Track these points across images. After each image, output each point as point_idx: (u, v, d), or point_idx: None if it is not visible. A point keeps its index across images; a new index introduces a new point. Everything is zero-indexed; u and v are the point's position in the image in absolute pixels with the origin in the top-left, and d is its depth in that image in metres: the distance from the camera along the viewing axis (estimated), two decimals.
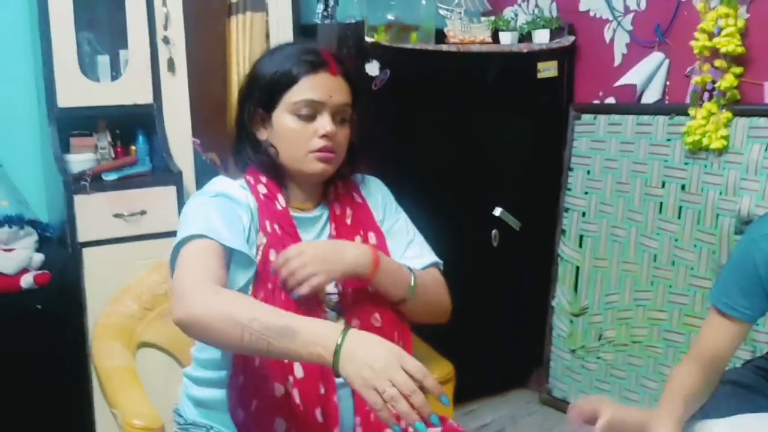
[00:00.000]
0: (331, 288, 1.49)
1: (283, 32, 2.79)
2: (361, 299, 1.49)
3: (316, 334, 1.16)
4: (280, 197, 1.49)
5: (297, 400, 1.36)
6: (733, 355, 1.59)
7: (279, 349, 1.17)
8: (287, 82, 1.45)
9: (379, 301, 1.49)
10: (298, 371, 1.37)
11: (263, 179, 1.49)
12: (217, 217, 1.38)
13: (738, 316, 1.51)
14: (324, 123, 1.45)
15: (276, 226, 1.45)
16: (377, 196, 1.64)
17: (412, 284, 1.50)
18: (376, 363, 1.11)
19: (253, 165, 1.51)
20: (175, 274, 1.33)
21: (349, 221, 1.55)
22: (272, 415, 1.36)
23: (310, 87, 1.44)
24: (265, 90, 1.47)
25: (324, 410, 1.38)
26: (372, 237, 1.56)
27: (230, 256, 1.37)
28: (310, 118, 1.45)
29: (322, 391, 1.38)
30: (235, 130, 1.55)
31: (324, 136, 1.44)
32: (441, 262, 1.65)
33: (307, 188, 1.53)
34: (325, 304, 1.47)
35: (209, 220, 1.37)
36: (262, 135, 1.50)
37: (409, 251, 1.60)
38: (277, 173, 1.50)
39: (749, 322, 1.53)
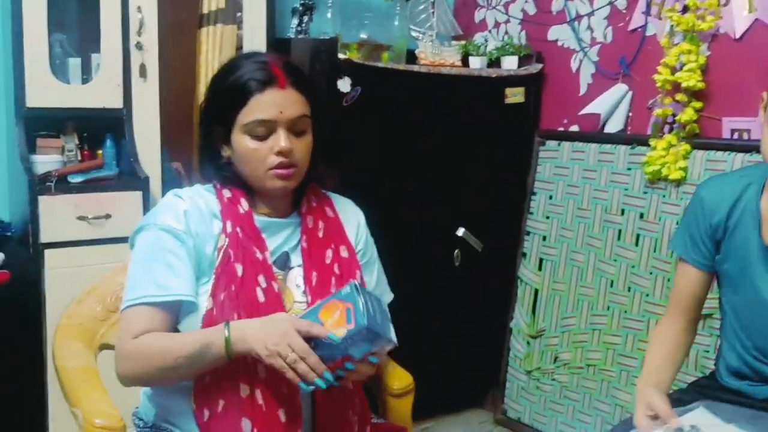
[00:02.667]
0: (299, 296, 1.51)
1: (256, 46, 2.81)
2: None
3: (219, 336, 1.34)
4: (243, 201, 1.50)
5: (260, 400, 1.38)
6: (704, 301, 1.79)
7: (208, 364, 1.36)
8: (237, 103, 1.44)
9: None
10: (261, 371, 1.38)
11: (229, 185, 1.52)
12: (157, 268, 1.42)
13: (694, 264, 1.72)
14: (278, 140, 1.44)
15: (238, 229, 1.46)
16: (351, 215, 1.65)
17: None
18: (275, 333, 1.30)
19: (219, 181, 1.53)
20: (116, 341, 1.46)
21: (320, 234, 1.56)
22: (238, 415, 1.37)
23: (259, 106, 1.43)
24: (219, 110, 1.48)
25: (287, 411, 1.39)
26: (343, 250, 1.57)
27: (179, 301, 1.43)
28: (266, 135, 1.45)
29: (285, 390, 1.39)
30: (200, 146, 1.57)
31: (279, 152, 1.44)
32: (393, 296, 1.71)
33: (275, 198, 1.54)
34: (292, 311, 1.48)
35: (150, 275, 1.42)
36: (225, 152, 1.51)
37: (375, 291, 1.63)
38: (243, 185, 1.52)
39: (706, 270, 1.72)
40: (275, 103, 1.44)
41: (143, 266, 1.45)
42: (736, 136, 2.55)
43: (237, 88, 1.45)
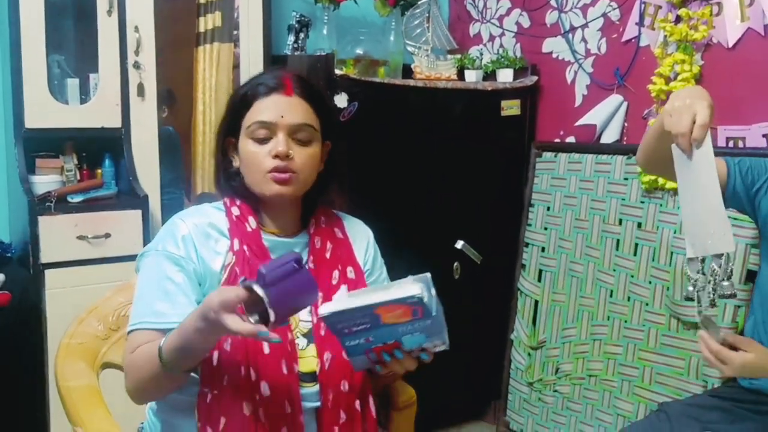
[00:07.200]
0: (304, 315, 1.50)
1: (253, 63, 2.83)
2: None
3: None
4: (251, 219, 1.51)
5: (263, 419, 1.38)
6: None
7: (198, 345, 1.31)
8: (242, 107, 1.49)
9: None
10: (264, 389, 1.38)
11: (238, 202, 1.53)
12: (155, 295, 1.43)
13: (730, 167, 1.81)
14: (277, 143, 1.46)
15: (245, 247, 1.47)
16: (362, 237, 1.65)
17: None
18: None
19: (228, 192, 1.55)
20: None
21: (328, 255, 1.56)
22: None
23: (262, 109, 1.46)
24: (229, 117, 1.52)
25: (290, 429, 1.39)
26: (350, 271, 1.57)
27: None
28: (266, 139, 1.47)
29: (288, 409, 1.39)
30: (215, 158, 1.58)
31: (276, 155, 1.45)
32: None
33: (281, 214, 1.54)
34: (297, 330, 1.48)
35: (149, 303, 1.44)
36: (236, 162, 1.53)
37: None
38: (251, 198, 1.52)
39: (727, 177, 1.81)
40: (277, 106, 1.47)
41: (143, 292, 1.46)
42: (731, 144, 2.56)
43: (245, 94, 1.49)
